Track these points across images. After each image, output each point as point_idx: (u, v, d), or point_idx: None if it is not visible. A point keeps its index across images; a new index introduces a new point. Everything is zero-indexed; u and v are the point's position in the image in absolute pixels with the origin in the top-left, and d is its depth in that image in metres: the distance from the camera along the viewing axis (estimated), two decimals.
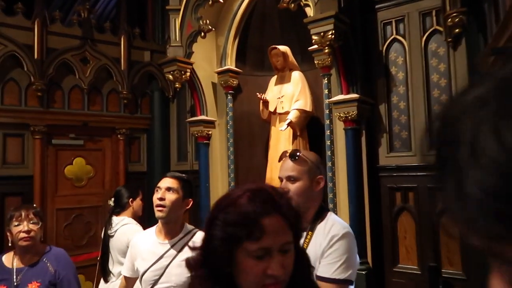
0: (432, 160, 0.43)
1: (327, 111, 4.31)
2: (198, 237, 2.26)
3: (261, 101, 4.89)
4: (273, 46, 4.87)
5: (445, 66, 3.85)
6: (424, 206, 3.88)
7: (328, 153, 4.29)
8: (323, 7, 3.71)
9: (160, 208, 2.31)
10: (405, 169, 3.98)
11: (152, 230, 2.50)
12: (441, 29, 3.84)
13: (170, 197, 2.33)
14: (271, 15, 5.18)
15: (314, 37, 3.68)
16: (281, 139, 4.78)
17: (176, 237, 2.40)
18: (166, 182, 2.39)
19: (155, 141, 5.99)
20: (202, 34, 4.78)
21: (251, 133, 5.39)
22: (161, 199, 2.31)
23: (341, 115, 3.98)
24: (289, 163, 2.00)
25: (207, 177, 5.19)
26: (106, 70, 5.55)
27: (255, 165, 5.33)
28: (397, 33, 4.11)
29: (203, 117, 5.19)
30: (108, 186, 5.69)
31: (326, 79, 4.34)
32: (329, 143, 4.29)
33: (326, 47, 3.67)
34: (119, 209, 3.68)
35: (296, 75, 4.87)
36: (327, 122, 4.31)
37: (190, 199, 2.48)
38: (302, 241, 1.90)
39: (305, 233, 2.00)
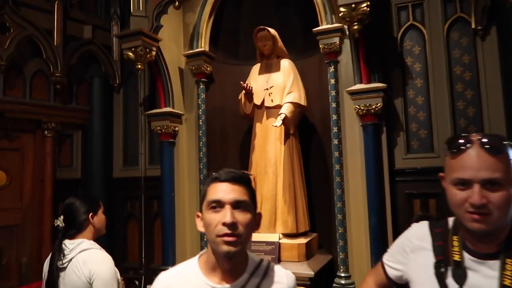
0: None
1: (333, 105, 3.64)
2: (280, 276, 1.50)
3: (244, 92, 4.03)
4: (261, 27, 4.06)
5: (469, 57, 3.46)
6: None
7: (336, 154, 3.60)
8: None
9: (231, 239, 1.34)
10: (425, 173, 3.48)
11: (193, 266, 1.50)
12: (465, 16, 3.46)
13: (244, 219, 1.38)
14: None
15: (342, 9, 3.00)
16: (270, 138, 3.97)
17: (241, 277, 1.44)
18: (230, 191, 1.40)
19: (94, 140, 4.71)
20: (176, 3, 3.78)
21: (223, 132, 4.48)
22: (232, 224, 1.34)
23: (362, 108, 3.34)
24: (485, 157, 1.23)
25: (171, 185, 4.13)
26: (32, 43, 4.18)
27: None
28: (414, 19, 3.63)
29: (168, 109, 4.13)
30: (28, 198, 4.27)
31: (332, 66, 3.67)
32: (336, 143, 3.61)
33: (356, 24, 3.00)
34: (73, 230, 2.50)
35: (287, 64, 4.12)
36: (334, 117, 3.63)
37: (260, 213, 1.56)
38: (498, 273, 1.24)
39: (498, 262, 1.26)
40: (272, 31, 4.07)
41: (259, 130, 4.07)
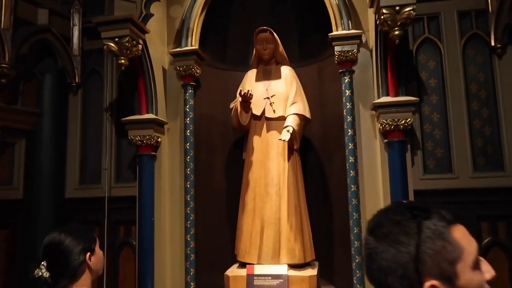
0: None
1: (349, 118, 3.29)
2: None
3: (240, 100, 3.51)
4: (263, 27, 3.61)
5: (484, 75, 3.37)
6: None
7: (352, 173, 3.24)
8: None
9: None
10: (444, 194, 3.26)
11: None
12: (481, 33, 3.37)
13: None
14: None
15: (385, 11, 2.67)
16: (272, 153, 3.49)
17: None
18: None
19: (43, 150, 3.78)
20: None
21: (210, 144, 3.88)
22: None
23: (389, 123, 3.02)
24: None
25: (151, 208, 3.41)
26: None
27: (215, 190, 3.81)
28: (429, 33, 3.47)
29: (152, 116, 3.43)
30: None
31: (348, 76, 3.33)
32: (352, 160, 3.25)
33: (397, 29, 2.70)
34: (66, 280, 1.75)
35: (288, 71, 3.71)
36: (350, 132, 3.27)
37: None
38: None
39: None
40: (274, 33, 3.64)
41: (258, 144, 3.56)
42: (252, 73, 3.77)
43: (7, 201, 3.61)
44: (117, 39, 3.03)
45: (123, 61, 3.09)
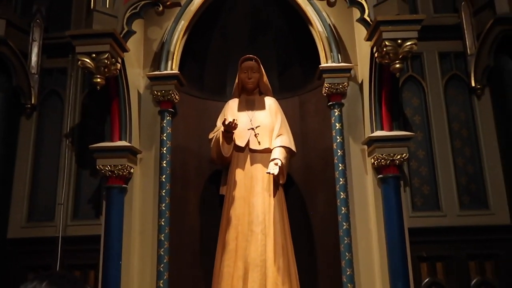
0: None
1: (340, 152, 3.16)
2: None
3: (222, 130, 3.26)
4: (249, 55, 3.45)
5: (465, 114, 3.45)
6: (458, 280, 3.13)
7: (344, 210, 3.06)
8: (387, 9, 2.77)
9: None
10: (434, 233, 3.19)
11: None
12: (461, 75, 3.49)
13: None
14: (231, 18, 3.77)
15: (388, 44, 2.64)
16: (257, 188, 3.24)
17: None
18: None
19: None
20: (160, 8, 2.92)
21: (185, 179, 3.52)
22: None
23: (385, 157, 2.92)
24: None
25: (119, 249, 2.94)
26: None
27: (188, 229, 3.42)
28: (413, 71, 3.52)
29: (125, 143, 3.04)
30: None
31: (338, 109, 3.24)
32: (344, 197, 3.08)
33: (398, 62, 2.67)
34: None
35: (272, 102, 3.56)
36: (341, 167, 3.13)
37: None
38: None
39: None
40: (260, 62, 3.49)
41: (241, 178, 3.29)
42: (233, 103, 3.56)
43: None
44: (94, 55, 2.68)
45: (99, 80, 2.73)
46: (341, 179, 3.12)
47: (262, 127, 3.39)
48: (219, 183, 3.60)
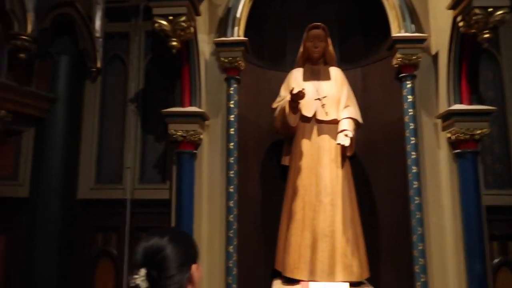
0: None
1: (412, 126, 3.07)
2: None
3: (289, 99, 3.19)
4: (316, 23, 3.35)
5: None
6: None
7: (416, 184, 3.00)
8: None
9: None
10: (504, 211, 3.11)
11: None
12: None
13: None
14: None
15: (477, 12, 2.50)
16: (324, 159, 3.19)
17: None
18: None
19: (55, 142, 3.23)
20: None
21: (245, 148, 3.48)
22: None
23: (464, 132, 2.83)
24: None
25: (191, 214, 2.98)
26: None
27: (251, 198, 3.43)
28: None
29: (196, 109, 3.03)
30: None
31: (410, 82, 3.13)
32: (416, 171, 3.01)
33: (487, 32, 2.54)
34: None
35: (338, 73, 3.46)
36: (413, 140, 3.05)
37: None
38: None
39: None
40: (327, 31, 3.38)
41: (308, 149, 3.25)
42: (298, 72, 3.48)
43: (10, 199, 3.02)
44: (171, 18, 2.63)
45: (175, 43, 2.68)
46: (413, 153, 3.04)
47: (329, 97, 3.31)
48: (277, 153, 3.58)
